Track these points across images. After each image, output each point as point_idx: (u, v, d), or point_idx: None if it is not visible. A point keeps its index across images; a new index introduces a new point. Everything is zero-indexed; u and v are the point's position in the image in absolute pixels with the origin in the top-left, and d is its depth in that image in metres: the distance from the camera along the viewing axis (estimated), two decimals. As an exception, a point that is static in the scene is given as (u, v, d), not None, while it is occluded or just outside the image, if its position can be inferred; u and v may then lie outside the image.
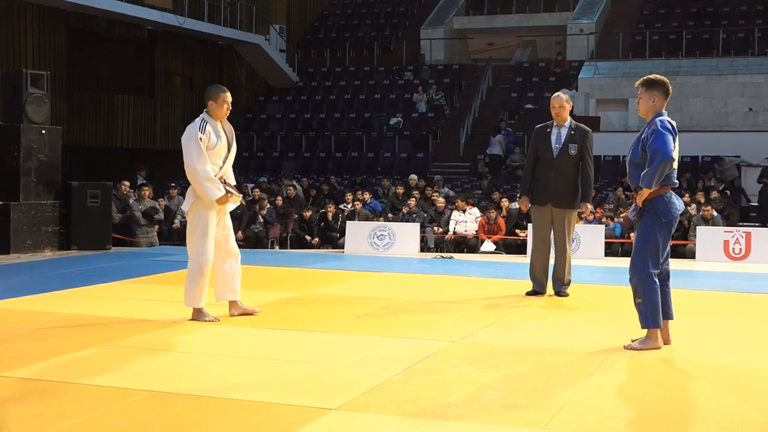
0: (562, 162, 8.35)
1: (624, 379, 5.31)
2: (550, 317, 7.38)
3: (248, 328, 6.60)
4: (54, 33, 21.15)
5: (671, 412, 4.56)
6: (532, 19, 27.65)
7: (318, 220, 15.92)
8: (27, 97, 12.25)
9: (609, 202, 17.27)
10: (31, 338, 6.22)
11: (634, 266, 5.98)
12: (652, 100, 6.17)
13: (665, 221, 5.96)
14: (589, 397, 4.75)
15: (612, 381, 5.20)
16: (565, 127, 8.44)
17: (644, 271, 5.93)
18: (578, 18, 26.27)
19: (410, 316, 7.32)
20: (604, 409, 4.53)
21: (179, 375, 5.20)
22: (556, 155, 8.36)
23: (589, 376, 5.20)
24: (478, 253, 14.25)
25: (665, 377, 5.35)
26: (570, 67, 24.77)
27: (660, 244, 5.97)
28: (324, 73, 27.40)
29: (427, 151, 22.96)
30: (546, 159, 8.41)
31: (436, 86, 24.83)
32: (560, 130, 8.44)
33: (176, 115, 24.74)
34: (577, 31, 25.81)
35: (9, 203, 11.91)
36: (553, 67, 25.11)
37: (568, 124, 8.45)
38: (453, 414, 4.41)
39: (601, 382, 5.12)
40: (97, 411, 4.43)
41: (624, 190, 17.78)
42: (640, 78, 6.34)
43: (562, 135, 8.41)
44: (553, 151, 8.37)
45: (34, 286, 8.80)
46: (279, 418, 4.36)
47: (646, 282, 5.93)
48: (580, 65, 24.14)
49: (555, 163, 8.36)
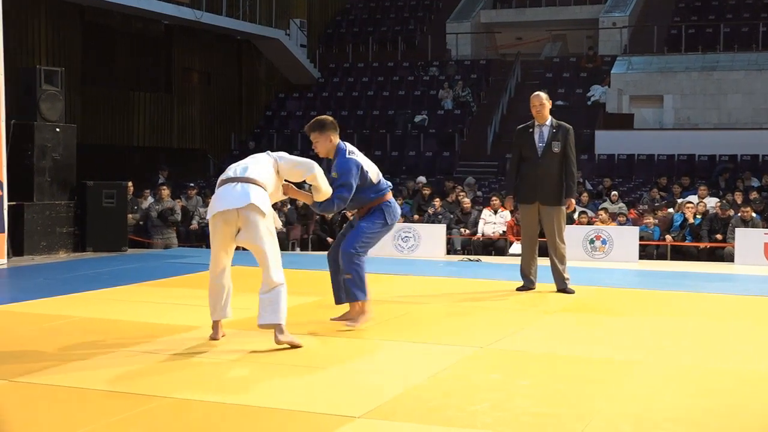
0: (547, 160, 8.63)
1: (659, 386, 5.15)
2: (581, 323, 7.29)
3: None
4: (68, 28, 20.88)
5: (709, 421, 4.46)
6: (563, 12, 27.19)
7: (340, 222, 15.49)
8: (41, 95, 12.08)
9: (643, 202, 16.87)
10: (46, 342, 6.17)
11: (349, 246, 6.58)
12: (329, 140, 6.62)
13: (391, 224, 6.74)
14: (623, 405, 4.69)
15: (646, 388, 5.08)
16: (546, 126, 8.70)
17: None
18: (611, 11, 25.80)
19: (436, 320, 7.26)
20: (639, 418, 4.44)
21: (199, 381, 5.17)
22: (541, 154, 8.64)
23: (621, 384, 5.17)
24: (507, 255, 13.91)
25: (702, 385, 5.22)
26: (602, 62, 24.27)
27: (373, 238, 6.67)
28: (346, 68, 26.97)
29: (454, 150, 22.56)
30: (530, 158, 8.69)
31: (462, 82, 24.40)
32: (542, 129, 8.70)
33: (194, 112, 24.43)
34: (610, 25, 25.33)
35: (23, 203, 11.77)
36: (584, 62, 24.63)
37: (549, 123, 8.71)
38: (481, 422, 4.35)
39: (634, 389, 5.06)
40: (116, 417, 4.41)
41: (659, 190, 17.29)
42: (670, 72, 5.77)
43: (544, 133, 8.68)
44: (537, 150, 8.65)
45: (48, 289, 8.73)
46: (302, 425, 4.35)
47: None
48: (612, 60, 23.69)
49: (540, 161, 8.64)
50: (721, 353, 6.07)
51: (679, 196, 16.61)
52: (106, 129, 22.07)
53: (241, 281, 8.55)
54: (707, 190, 16.08)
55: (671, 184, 17.83)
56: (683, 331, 6.86)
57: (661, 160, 20.52)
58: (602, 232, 13.10)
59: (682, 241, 13.87)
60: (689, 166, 20.00)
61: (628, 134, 21.29)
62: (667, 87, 22.10)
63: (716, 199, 15.38)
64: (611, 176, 19.62)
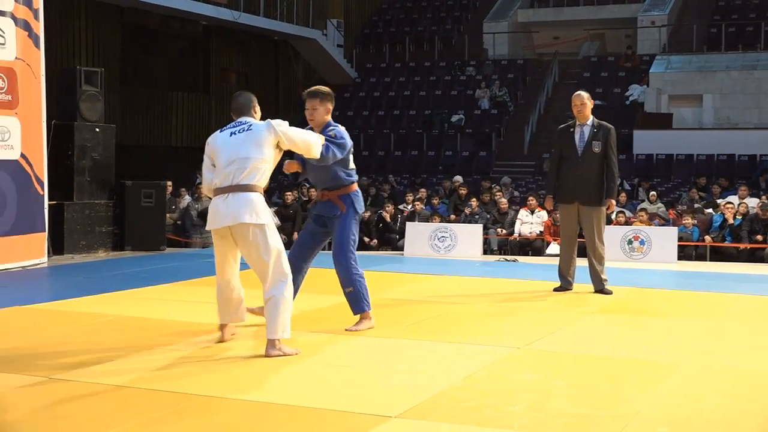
0: (587, 160, 8.57)
1: (697, 388, 5.13)
2: (618, 324, 7.23)
3: (305, 333, 6.39)
4: (108, 29, 21.05)
5: (748, 424, 4.41)
6: (601, 11, 26.95)
7: (376, 221, 15.51)
8: (81, 95, 12.18)
9: (682, 203, 16.70)
10: (84, 341, 6.24)
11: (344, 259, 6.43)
12: (327, 111, 6.50)
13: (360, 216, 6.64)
14: (661, 407, 4.63)
15: (684, 390, 5.06)
16: (587, 125, 8.63)
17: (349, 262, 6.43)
18: (649, 9, 25.51)
19: (472, 321, 7.21)
20: (677, 420, 4.40)
21: (234, 380, 5.17)
22: (581, 154, 8.59)
23: (659, 385, 5.10)
24: (544, 255, 13.79)
25: (740, 387, 5.14)
26: (640, 61, 23.99)
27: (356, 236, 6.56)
28: (383, 68, 26.90)
29: (491, 150, 22.42)
30: (571, 158, 8.65)
31: (499, 82, 24.26)
32: (583, 129, 8.63)
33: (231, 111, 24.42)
34: (648, 24, 25.05)
35: (63, 203, 11.87)
36: (622, 62, 24.36)
37: (590, 122, 8.64)
38: (517, 423, 4.33)
39: (672, 391, 5.01)
40: (152, 415, 4.43)
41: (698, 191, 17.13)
42: (710, 71, 5.77)
43: (585, 133, 8.61)
44: (578, 150, 8.59)
45: (87, 288, 8.79)
46: (337, 425, 4.34)
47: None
48: (651, 59, 23.41)
49: (580, 161, 8.59)
50: (760, 355, 6.00)
51: (718, 197, 16.43)
52: (144, 129, 22.21)
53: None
54: (747, 190, 15.87)
55: (711, 185, 17.64)
56: (722, 333, 6.80)
57: (700, 160, 20.31)
58: (640, 232, 12.98)
59: (721, 241, 13.71)
60: (729, 166, 19.77)
61: (666, 134, 21.07)
62: (707, 86, 21.85)
63: (757, 200, 15.17)
64: (649, 176, 19.46)
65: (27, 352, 5.81)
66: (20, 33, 10.48)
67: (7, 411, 4.52)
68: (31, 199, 10.72)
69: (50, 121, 11.53)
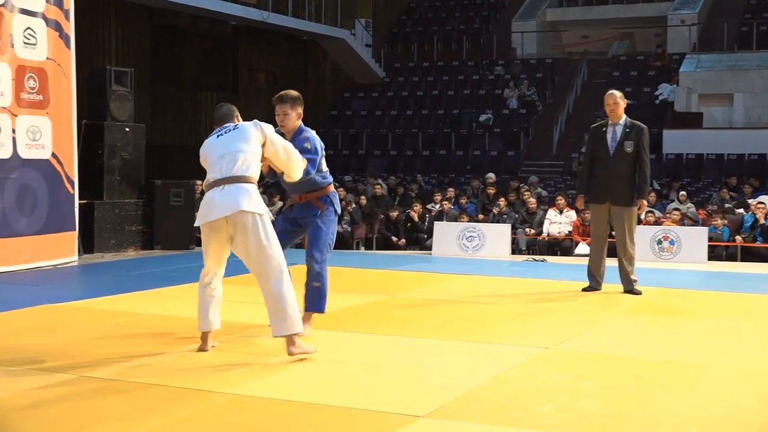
0: (619, 160, 8.53)
1: (726, 390, 5.08)
2: (648, 324, 7.20)
3: (334, 332, 6.50)
4: (137, 30, 21.12)
5: None
6: (630, 9, 26.75)
7: (404, 221, 15.51)
8: (111, 95, 12.24)
9: (713, 203, 16.58)
10: (114, 339, 6.29)
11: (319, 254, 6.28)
12: (299, 116, 6.33)
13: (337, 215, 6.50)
14: (690, 409, 4.62)
15: (714, 392, 5.03)
16: (620, 125, 8.59)
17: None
18: (679, 8, 25.30)
19: (501, 321, 7.22)
20: (706, 422, 4.39)
21: (262, 378, 5.19)
22: (613, 153, 8.55)
23: (688, 387, 5.10)
24: (573, 255, 13.74)
25: None
26: (670, 60, 23.82)
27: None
28: (411, 68, 26.87)
29: (519, 149, 22.35)
30: (603, 157, 8.61)
31: (527, 81, 24.18)
32: (615, 128, 8.60)
33: (260, 111, 24.47)
34: (678, 22, 24.84)
35: (93, 202, 11.94)
36: (652, 61, 24.19)
37: (623, 122, 8.60)
38: (546, 423, 4.31)
39: (701, 392, 5.00)
40: (180, 413, 4.46)
41: (729, 191, 17.00)
42: (741, 70, 5.61)
43: (617, 133, 8.57)
44: (609, 150, 8.56)
45: (117, 286, 8.89)
46: (365, 424, 4.34)
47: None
48: (681, 58, 23.23)
49: (612, 161, 8.54)
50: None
51: (749, 197, 16.29)
52: (173, 129, 22.27)
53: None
54: (779, 190, 15.74)
55: (741, 184, 17.49)
56: (752, 334, 6.73)
57: (730, 159, 20.14)
58: (670, 232, 12.89)
59: (752, 242, 13.59)
60: (760, 166, 19.58)
61: (696, 133, 20.90)
62: (738, 85, 21.66)
63: (789, 200, 15.04)
64: (679, 176, 19.32)
65: (57, 349, 5.85)
66: (51, 33, 10.57)
67: (38, 408, 4.56)
68: (61, 199, 10.80)
69: (81, 120, 11.61)
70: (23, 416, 4.42)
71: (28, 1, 10.26)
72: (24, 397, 4.73)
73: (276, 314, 5.51)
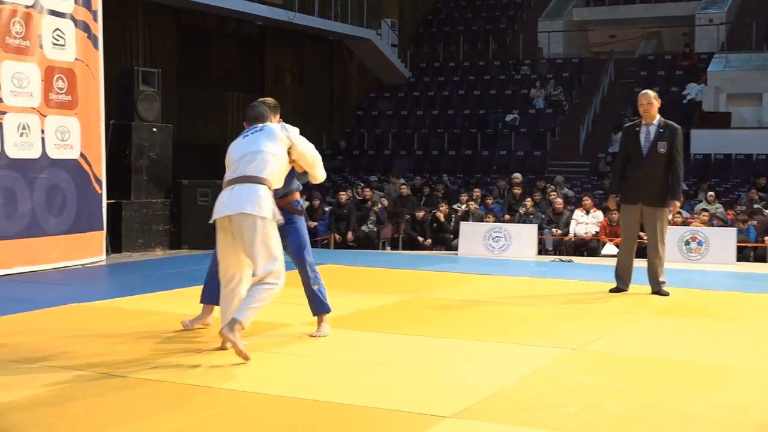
0: (652, 160, 8.41)
1: (756, 392, 5.02)
2: (676, 326, 7.13)
3: (361, 332, 6.53)
4: (165, 30, 21.23)
5: None
6: (658, 9, 26.66)
7: (430, 221, 15.50)
8: (138, 95, 12.26)
9: (741, 203, 16.44)
10: (143, 337, 6.28)
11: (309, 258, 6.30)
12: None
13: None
14: (719, 411, 4.57)
15: (742, 394, 4.96)
16: (653, 125, 8.47)
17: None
18: (707, 7, 25.19)
19: (527, 321, 7.15)
20: (735, 425, 4.35)
21: (290, 378, 5.20)
22: (646, 154, 8.42)
23: (718, 389, 5.04)
24: (600, 256, 13.68)
25: None
26: (698, 59, 23.71)
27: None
28: (437, 68, 26.88)
29: (545, 149, 22.31)
30: (635, 158, 8.49)
31: (554, 81, 24.17)
32: (649, 128, 8.48)
33: (287, 111, 24.44)
34: (706, 22, 24.73)
35: (121, 201, 11.97)
36: (680, 60, 24.09)
37: (656, 122, 8.47)
38: (573, 425, 4.29)
39: (731, 394, 4.94)
40: (207, 413, 4.46)
41: (757, 191, 16.86)
42: None
43: (650, 133, 8.46)
44: (643, 150, 8.43)
45: (145, 285, 8.88)
46: (392, 424, 4.35)
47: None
48: (709, 58, 23.15)
49: (644, 161, 8.43)
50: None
51: (778, 197, 16.17)
52: (200, 129, 22.39)
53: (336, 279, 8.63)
54: (808, 190, 15.61)
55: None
56: (782, 336, 6.67)
57: (759, 159, 19.99)
58: (698, 233, 12.80)
59: (781, 243, 13.49)
60: (790, 166, 19.45)
61: (725, 133, 20.77)
62: (766, 84, 21.50)
63: (818, 200, 14.91)
64: (707, 176, 19.19)
65: (84, 348, 5.89)
66: (80, 34, 10.64)
67: (63, 405, 4.58)
68: (90, 198, 10.86)
69: (108, 120, 11.65)
70: (49, 413, 4.44)
71: (57, 3, 10.33)
72: (49, 395, 4.75)
73: (242, 301, 5.53)
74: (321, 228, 15.66)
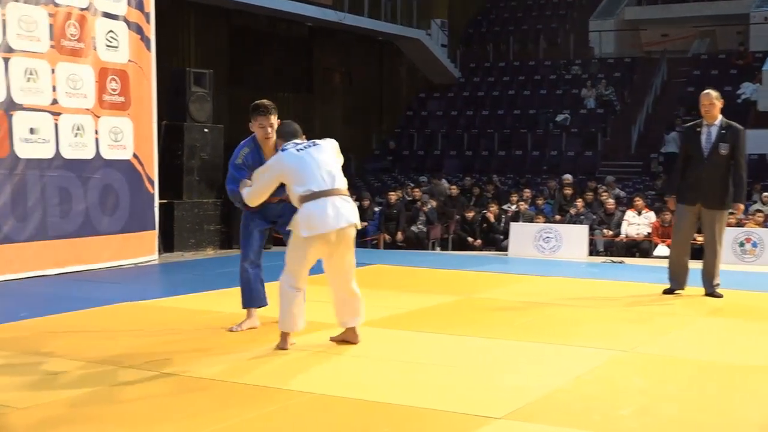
0: (713, 161, 8.23)
1: None
2: (729, 328, 7.02)
3: (411, 332, 6.53)
4: (216, 32, 21.42)
5: None
6: (711, 7, 26.24)
7: (480, 222, 15.45)
8: (190, 96, 12.32)
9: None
10: (194, 336, 6.38)
11: None
12: None
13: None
14: None
15: None
16: (715, 126, 8.26)
17: None
18: (762, 5, 24.75)
19: (578, 322, 7.07)
20: None
21: (341, 378, 5.22)
22: (707, 155, 8.24)
23: None
24: (652, 257, 13.47)
25: None
26: (753, 58, 23.27)
27: None
28: (487, 68, 26.78)
29: (596, 150, 22.12)
30: (696, 158, 8.32)
31: (605, 81, 23.94)
32: (710, 129, 8.28)
33: (335, 111, 24.66)
34: (761, 20, 24.30)
35: (173, 201, 12.05)
36: (734, 60, 23.71)
37: (718, 123, 8.27)
38: (626, 427, 4.26)
39: None
40: (258, 411, 4.48)
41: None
42: None
43: (712, 134, 8.26)
44: (704, 151, 8.25)
45: (197, 285, 8.94)
46: (441, 425, 4.32)
47: None
48: (764, 56, 22.63)
49: (705, 162, 8.25)
50: None
51: (835, 197, 15.84)
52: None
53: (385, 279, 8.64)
54: None
55: (826, 185, 17.03)
56: (841, 339, 6.54)
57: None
58: (753, 234, 12.59)
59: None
60: None
61: (780, 134, 20.41)
62: (825, 85, 21.11)
63: None
64: (762, 176, 18.88)
65: (137, 347, 5.95)
66: (132, 36, 10.76)
67: (117, 404, 4.65)
68: (142, 198, 10.98)
69: (161, 121, 11.75)
70: (104, 411, 4.51)
71: (111, 5, 10.46)
72: (104, 394, 4.82)
73: (354, 310, 5.95)
74: (371, 228, 15.66)
